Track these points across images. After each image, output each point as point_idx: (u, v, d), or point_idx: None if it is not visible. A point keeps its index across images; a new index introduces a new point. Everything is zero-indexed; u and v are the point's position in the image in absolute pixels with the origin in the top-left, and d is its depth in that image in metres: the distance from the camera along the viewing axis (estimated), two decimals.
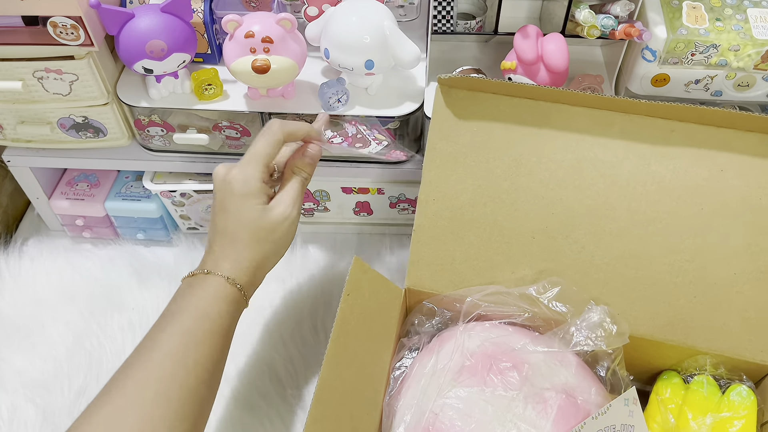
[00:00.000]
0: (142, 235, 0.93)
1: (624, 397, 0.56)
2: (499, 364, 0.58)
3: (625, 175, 0.59)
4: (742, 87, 0.72)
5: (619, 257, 0.60)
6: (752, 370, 0.59)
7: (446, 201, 0.62)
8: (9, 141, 0.81)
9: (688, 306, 0.59)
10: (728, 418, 0.57)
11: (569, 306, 0.60)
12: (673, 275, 0.59)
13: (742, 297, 0.58)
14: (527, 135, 0.60)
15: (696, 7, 0.70)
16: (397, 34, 0.68)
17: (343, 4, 0.70)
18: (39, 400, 0.75)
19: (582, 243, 0.60)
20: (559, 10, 0.71)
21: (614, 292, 0.60)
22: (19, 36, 0.68)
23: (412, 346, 0.62)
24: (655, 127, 0.58)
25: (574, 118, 0.59)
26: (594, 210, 0.60)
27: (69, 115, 0.77)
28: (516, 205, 0.61)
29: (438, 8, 0.71)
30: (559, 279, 0.60)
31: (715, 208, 0.58)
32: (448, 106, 0.60)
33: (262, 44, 0.67)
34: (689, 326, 0.59)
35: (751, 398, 0.58)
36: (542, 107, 0.59)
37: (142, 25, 0.68)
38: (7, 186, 0.97)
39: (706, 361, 0.60)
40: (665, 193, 0.58)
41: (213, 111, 0.76)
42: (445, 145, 0.61)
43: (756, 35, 0.68)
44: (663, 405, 0.60)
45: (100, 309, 0.83)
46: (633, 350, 0.60)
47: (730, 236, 0.57)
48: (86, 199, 0.90)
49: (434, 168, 0.62)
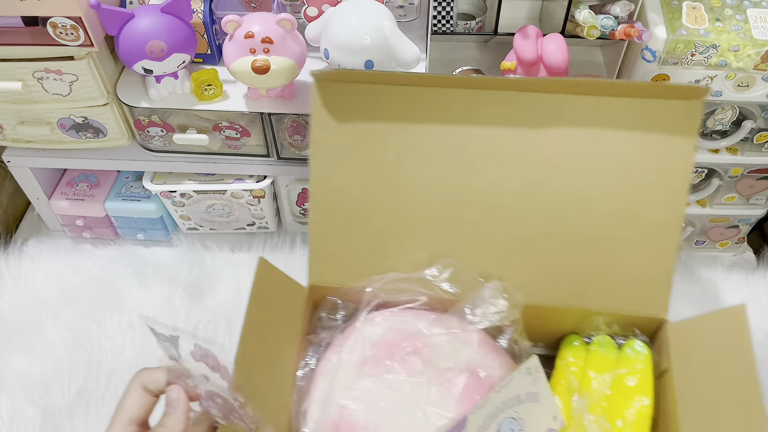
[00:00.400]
0: (142, 235, 0.93)
1: (526, 366, 0.56)
2: (401, 350, 0.59)
3: (505, 151, 0.60)
4: (741, 87, 0.72)
5: (510, 231, 0.61)
6: (644, 324, 0.62)
7: (337, 195, 0.62)
8: (9, 141, 0.81)
9: (579, 270, 0.61)
10: (626, 374, 0.59)
11: (463, 285, 0.61)
12: (561, 243, 0.61)
13: (626, 257, 0.60)
14: (407, 121, 0.60)
15: (696, 8, 0.70)
16: (396, 35, 0.68)
17: (343, 5, 0.70)
18: (39, 401, 0.75)
19: (473, 221, 0.61)
20: (558, 11, 0.71)
21: (509, 265, 0.62)
22: (19, 36, 0.68)
23: (320, 343, 0.63)
24: (528, 101, 0.59)
25: (452, 100, 0.60)
26: (480, 188, 0.61)
27: (69, 116, 0.77)
28: (405, 192, 0.62)
29: (438, 9, 0.71)
30: (452, 260, 0.61)
31: (593, 176, 0.59)
32: (326, 101, 0.60)
33: (261, 45, 0.67)
34: (582, 289, 0.61)
35: (645, 352, 0.60)
36: (419, 92, 0.60)
37: (142, 26, 0.68)
38: (7, 186, 0.97)
39: (600, 320, 0.62)
40: (545, 165, 0.59)
41: (213, 111, 0.76)
42: (328, 140, 0.61)
43: (756, 35, 0.68)
44: (566, 368, 0.61)
45: (100, 309, 0.83)
46: (534, 318, 0.61)
47: (610, 200, 0.59)
48: (86, 199, 0.90)
49: (321, 163, 0.62)
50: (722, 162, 0.81)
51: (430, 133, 0.60)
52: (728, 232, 0.93)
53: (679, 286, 0.90)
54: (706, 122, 0.78)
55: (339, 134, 0.61)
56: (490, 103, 0.59)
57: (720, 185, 0.85)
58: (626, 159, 0.59)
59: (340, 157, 0.61)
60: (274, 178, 0.85)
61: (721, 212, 0.89)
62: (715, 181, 0.85)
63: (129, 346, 0.80)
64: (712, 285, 0.90)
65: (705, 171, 0.84)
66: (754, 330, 0.85)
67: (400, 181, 0.62)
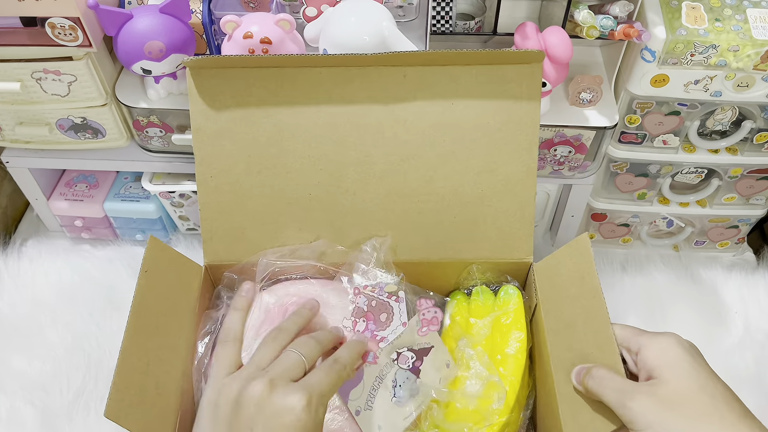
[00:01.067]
0: (141, 235, 0.93)
1: (413, 321, 0.64)
2: (293, 307, 0.63)
3: (374, 123, 0.65)
4: (741, 87, 0.72)
5: (386, 196, 0.67)
6: (514, 269, 0.69)
7: (223, 176, 0.66)
8: (8, 142, 0.81)
9: (451, 225, 0.67)
10: (500, 314, 0.66)
11: (348, 250, 0.67)
12: (433, 202, 0.67)
13: (491, 208, 0.66)
14: (281, 101, 0.64)
15: (695, 8, 0.70)
16: (395, 35, 0.68)
17: (342, 5, 0.70)
18: (38, 402, 0.75)
19: (353, 190, 0.67)
20: (558, 11, 0.71)
21: (389, 227, 0.68)
22: (18, 37, 0.68)
23: (218, 318, 0.65)
24: (390, 75, 0.64)
25: (320, 78, 0.64)
26: (356, 159, 0.66)
27: (67, 116, 0.77)
28: (287, 168, 0.66)
29: (437, 8, 0.71)
30: (336, 228, 0.67)
31: (454, 138, 0.65)
32: (201, 88, 0.64)
33: (260, 45, 0.67)
34: (456, 242, 0.68)
35: (516, 293, 0.67)
36: (289, 73, 0.64)
37: (141, 26, 0.68)
38: (6, 187, 0.97)
39: (475, 270, 0.69)
40: (411, 133, 0.65)
41: None
42: (208, 125, 0.65)
43: (755, 35, 0.68)
44: (453, 320, 0.67)
45: (99, 310, 0.83)
46: (420, 275, 0.68)
47: (471, 159, 0.65)
48: (85, 200, 0.90)
49: (203, 147, 0.65)
50: (722, 162, 0.81)
51: (303, 111, 0.65)
52: (728, 233, 0.93)
53: (679, 286, 0.90)
54: (706, 122, 0.78)
55: (217, 119, 0.65)
56: (356, 78, 0.64)
57: (720, 185, 0.85)
58: (481, 121, 0.64)
59: (221, 140, 0.65)
60: None
61: (721, 212, 0.89)
62: (714, 182, 0.85)
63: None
64: (712, 285, 0.90)
65: (705, 171, 0.84)
66: (755, 330, 0.86)
67: (281, 158, 0.66)
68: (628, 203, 0.88)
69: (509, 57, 0.62)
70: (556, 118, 0.75)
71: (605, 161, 0.82)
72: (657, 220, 0.92)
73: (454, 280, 0.71)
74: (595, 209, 0.90)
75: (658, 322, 0.86)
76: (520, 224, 0.67)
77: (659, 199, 0.88)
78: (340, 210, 0.67)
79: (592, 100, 0.75)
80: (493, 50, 0.62)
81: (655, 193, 0.87)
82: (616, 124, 0.75)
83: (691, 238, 0.94)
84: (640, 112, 0.76)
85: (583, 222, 0.92)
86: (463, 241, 0.68)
